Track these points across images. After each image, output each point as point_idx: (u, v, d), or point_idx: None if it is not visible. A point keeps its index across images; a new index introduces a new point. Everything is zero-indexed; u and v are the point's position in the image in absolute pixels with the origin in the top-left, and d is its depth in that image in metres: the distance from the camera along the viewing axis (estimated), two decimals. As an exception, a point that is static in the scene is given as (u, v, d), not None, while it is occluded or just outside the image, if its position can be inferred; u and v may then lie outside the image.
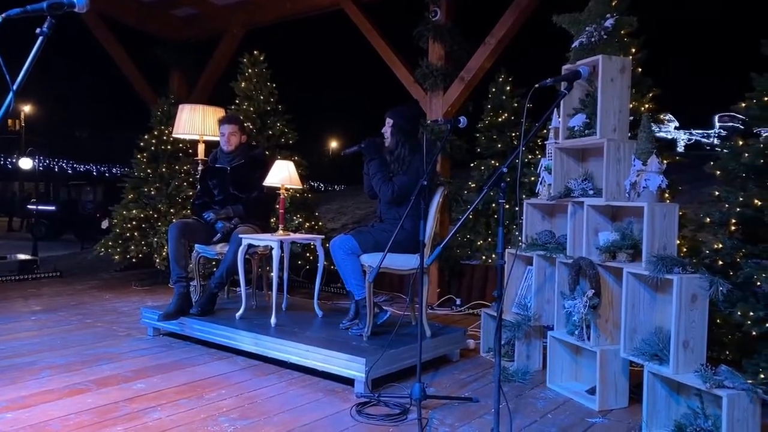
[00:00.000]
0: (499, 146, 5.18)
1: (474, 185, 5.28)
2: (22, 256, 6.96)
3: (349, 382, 3.00)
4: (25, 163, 17.18)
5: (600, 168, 3.04)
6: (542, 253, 3.33)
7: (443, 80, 5.36)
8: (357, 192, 11.39)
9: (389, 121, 3.57)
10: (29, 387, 2.91)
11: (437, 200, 3.49)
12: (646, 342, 2.63)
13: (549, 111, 2.52)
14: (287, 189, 3.98)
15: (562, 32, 3.52)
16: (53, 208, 16.28)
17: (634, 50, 3.43)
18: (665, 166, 2.79)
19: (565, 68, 3.30)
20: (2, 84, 1.57)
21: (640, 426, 2.58)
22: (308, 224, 5.82)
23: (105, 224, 9.46)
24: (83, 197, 16.93)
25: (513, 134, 5.16)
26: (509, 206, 4.78)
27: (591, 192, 3.11)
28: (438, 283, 5.36)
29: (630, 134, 3.10)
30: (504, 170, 2.11)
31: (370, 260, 3.36)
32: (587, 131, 3.14)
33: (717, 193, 3.01)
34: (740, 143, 2.87)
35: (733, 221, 2.92)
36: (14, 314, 4.65)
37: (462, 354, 3.69)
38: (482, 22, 5.37)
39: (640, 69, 3.54)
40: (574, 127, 3.20)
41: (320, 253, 3.94)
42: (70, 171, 29.62)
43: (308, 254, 5.80)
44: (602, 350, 2.80)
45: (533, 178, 4.15)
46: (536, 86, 2.35)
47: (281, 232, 3.82)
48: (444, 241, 2.19)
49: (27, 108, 28.92)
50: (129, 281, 6.34)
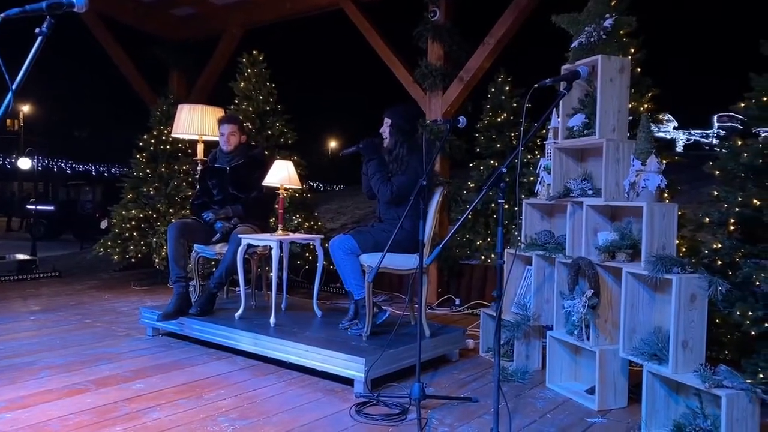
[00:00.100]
0: (498, 146, 5.18)
1: (473, 185, 5.28)
2: (21, 256, 6.96)
3: (349, 382, 3.00)
4: (24, 163, 17.18)
5: (599, 168, 3.04)
6: (541, 253, 3.33)
7: (442, 80, 5.37)
8: (356, 192, 11.39)
9: (387, 121, 3.56)
10: (28, 387, 2.91)
11: (436, 200, 3.49)
12: (645, 342, 2.63)
13: (548, 111, 2.52)
14: (286, 189, 3.98)
15: (562, 32, 3.52)
16: (52, 208, 16.27)
17: (633, 50, 3.43)
18: (664, 166, 2.79)
19: (565, 68, 3.30)
20: (1, 84, 1.56)
21: (639, 426, 2.58)
22: (307, 224, 5.81)
23: (104, 224, 9.46)
24: (82, 197, 16.92)
25: (512, 134, 5.16)
26: (508, 206, 4.78)
27: (590, 192, 3.11)
28: (437, 283, 5.36)
29: (629, 134, 3.10)
30: (503, 170, 2.11)
31: (370, 260, 3.36)
32: (586, 131, 3.14)
33: (716, 193, 3.02)
34: (739, 143, 2.88)
35: (732, 221, 2.92)
36: (13, 314, 4.65)
37: (461, 354, 3.69)
38: (481, 22, 5.37)
39: (639, 69, 3.55)
40: (574, 127, 3.21)
41: (319, 253, 3.94)
42: (69, 171, 29.63)
43: (307, 254, 5.80)
44: (601, 350, 2.80)
45: (532, 178, 4.15)
46: (535, 86, 2.35)
47: (280, 232, 3.82)
48: (443, 241, 2.19)
49: (26, 108, 28.92)
50: (128, 281, 6.34)
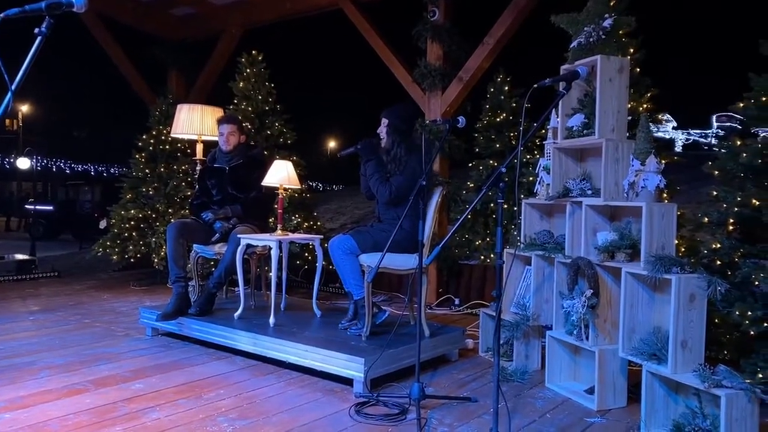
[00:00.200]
0: (498, 146, 5.18)
1: (472, 185, 5.28)
2: (20, 256, 6.95)
3: (348, 382, 3.00)
4: (23, 163, 17.19)
5: (598, 168, 3.04)
6: (541, 253, 3.33)
7: (441, 80, 5.37)
8: (355, 192, 11.38)
9: (384, 121, 3.56)
10: (28, 387, 2.91)
11: (436, 200, 3.50)
12: (645, 342, 2.63)
13: (547, 111, 2.52)
14: (286, 189, 3.98)
15: (561, 32, 3.52)
16: (51, 208, 16.29)
17: (633, 50, 3.43)
18: (663, 166, 2.79)
19: (564, 68, 3.30)
20: (1, 84, 1.56)
21: (639, 425, 2.58)
22: (307, 224, 5.81)
23: (103, 224, 9.44)
24: (81, 197, 16.95)
25: (511, 134, 5.16)
26: (508, 206, 4.78)
27: (589, 192, 3.11)
28: (437, 283, 5.36)
29: (628, 134, 3.10)
30: (503, 170, 2.11)
31: (369, 260, 3.36)
32: (586, 131, 3.14)
33: (715, 193, 3.02)
34: (738, 143, 2.88)
35: (731, 221, 2.93)
36: (12, 314, 4.64)
37: (461, 354, 3.69)
38: (481, 22, 5.37)
39: (639, 69, 3.55)
40: (573, 127, 3.21)
41: (319, 253, 3.94)
42: (68, 171, 29.61)
43: (307, 254, 5.80)
44: (601, 350, 2.80)
45: (532, 178, 4.15)
46: (535, 86, 2.35)
47: (280, 232, 3.82)
48: (443, 241, 2.20)
49: (25, 108, 28.87)
50: (127, 281, 6.34)
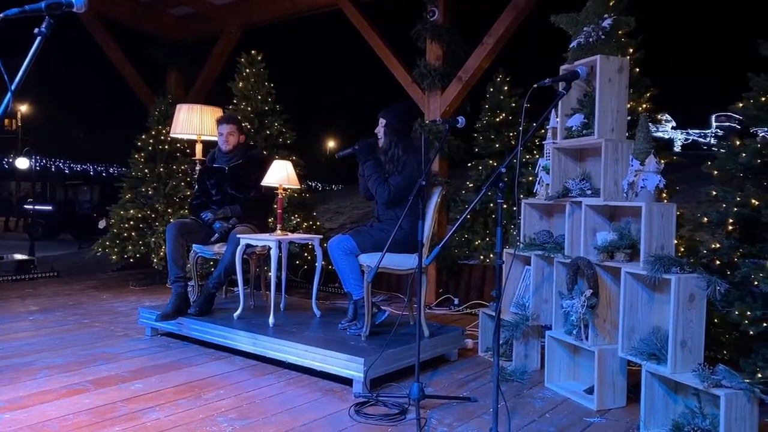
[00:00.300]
0: (497, 146, 5.18)
1: (472, 185, 5.28)
2: (19, 256, 6.95)
3: (348, 382, 3.00)
4: (22, 163, 17.17)
5: (598, 168, 3.04)
6: (540, 253, 3.33)
7: (441, 80, 5.36)
8: (355, 192, 11.36)
9: (381, 121, 3.56)
10: (27, 387, 2.91)
11: (435, 200, 3.50)
12: (644, 341, 2.63)
13: (547, 111, 2.52)
14: (285, 189, 3.98)
15: (560, 32, 3.52)
16: (50, 208, 16.29)
17: (632, 50, 3.44)
18: (663, 166, 2.79)
19: (563, 68, 3.30)
20: (1, 84, 1.56)
21: (638, 425, 2.58)
22: (306, 224, 5.81)
23: (102, 224, 9.43)
24: (80, 197, 16.93)
25: (511, 134, 5.16)
26: (507, 206, 4.78)
27: (589, 192, 3.11)
28: (436, 283, 5.36)
29: (628, 134, 3.10)
30: (502, 170, 2.11)
31: (369, 260, 3.36)
32: (585, 131, 3.14)
33: (714, 193, 3.03)
34: (737, 143, 2.89)
35: (731, 221, 2.93)
36: (11, 314, 4.64)
37: (460, 354, 3.69)
38: (480, 22, 5.37)
39: (638, 69, 3.55)
40: (572, 127, 3.21)
41: (318, 253, 3.94)
42: (67, 171, 29.57)
43: (306, 254, 5.80)
44: (600, 350, 2.80)
45: (531, 178, 4.16)
46: (534, 86, 2.35)
47: (279, 232, 3.82)
48: (442, 241, 2.20)
49: (24, 108, 28.86)
50: (126, 281, 6.33)
